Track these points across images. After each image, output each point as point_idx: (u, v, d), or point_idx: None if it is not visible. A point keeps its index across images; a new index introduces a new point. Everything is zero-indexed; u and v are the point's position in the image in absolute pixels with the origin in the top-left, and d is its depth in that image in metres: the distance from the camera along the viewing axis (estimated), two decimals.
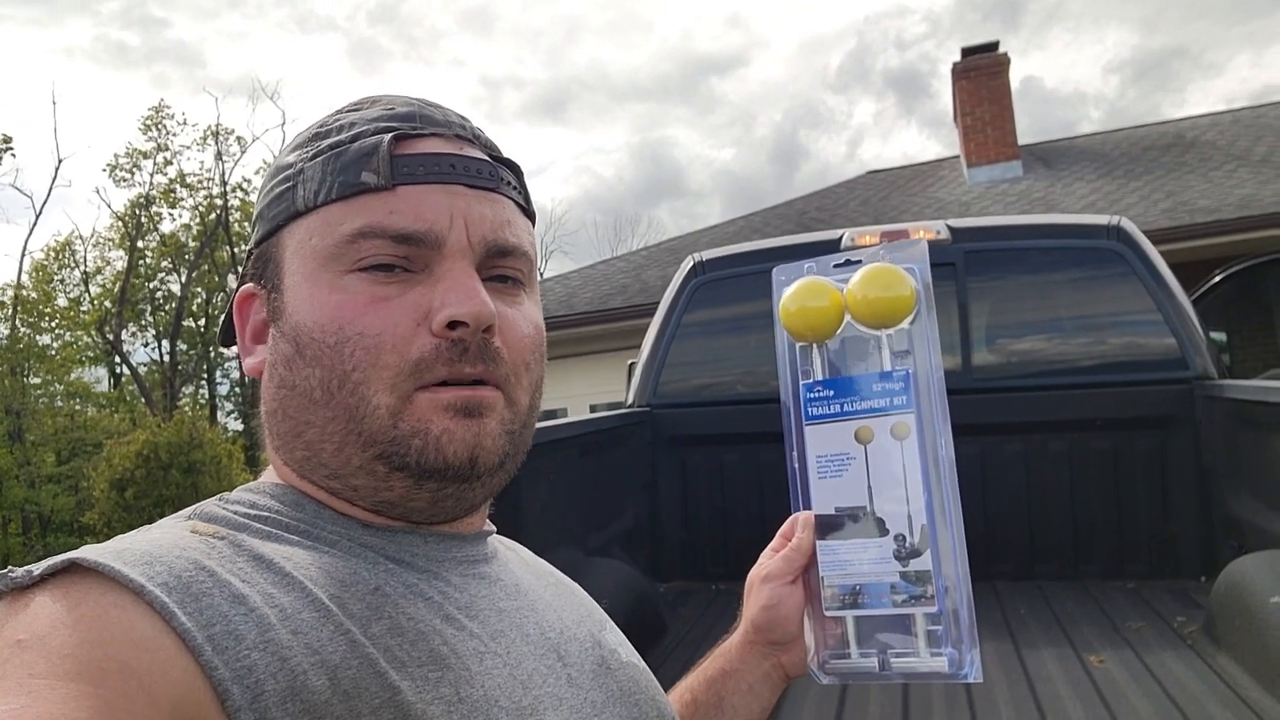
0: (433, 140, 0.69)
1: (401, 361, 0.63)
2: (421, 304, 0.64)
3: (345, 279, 0.65)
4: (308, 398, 0.65)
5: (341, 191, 0.66)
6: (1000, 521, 3.45)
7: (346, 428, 0.64)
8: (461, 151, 0.69)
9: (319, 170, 0.67)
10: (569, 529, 3.03)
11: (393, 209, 0.65)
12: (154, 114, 24.75)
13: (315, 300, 0.65)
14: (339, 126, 0.69)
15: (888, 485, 0.79)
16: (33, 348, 22.81)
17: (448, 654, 0.60)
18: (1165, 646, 2.60)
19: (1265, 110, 12.02)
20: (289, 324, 0.66)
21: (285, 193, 0.69)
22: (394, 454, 0.64)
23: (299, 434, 0.67)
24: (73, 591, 0.50)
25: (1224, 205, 8.62)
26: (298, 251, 0.67)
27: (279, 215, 0.69)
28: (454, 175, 0.67)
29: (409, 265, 0.65)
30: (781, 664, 0.86)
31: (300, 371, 0.65)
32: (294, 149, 0.71)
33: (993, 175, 11.55)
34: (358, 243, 0.64)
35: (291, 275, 0.67)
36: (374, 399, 0.63)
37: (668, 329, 3.89)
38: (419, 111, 0.70)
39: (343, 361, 0.63)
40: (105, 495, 14.71)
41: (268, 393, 0.69)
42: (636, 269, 11.68)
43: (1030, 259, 3.68)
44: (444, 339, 0.64)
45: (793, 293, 0.86)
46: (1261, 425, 2.81)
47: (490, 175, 0.70)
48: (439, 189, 0.66)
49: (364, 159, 0.66)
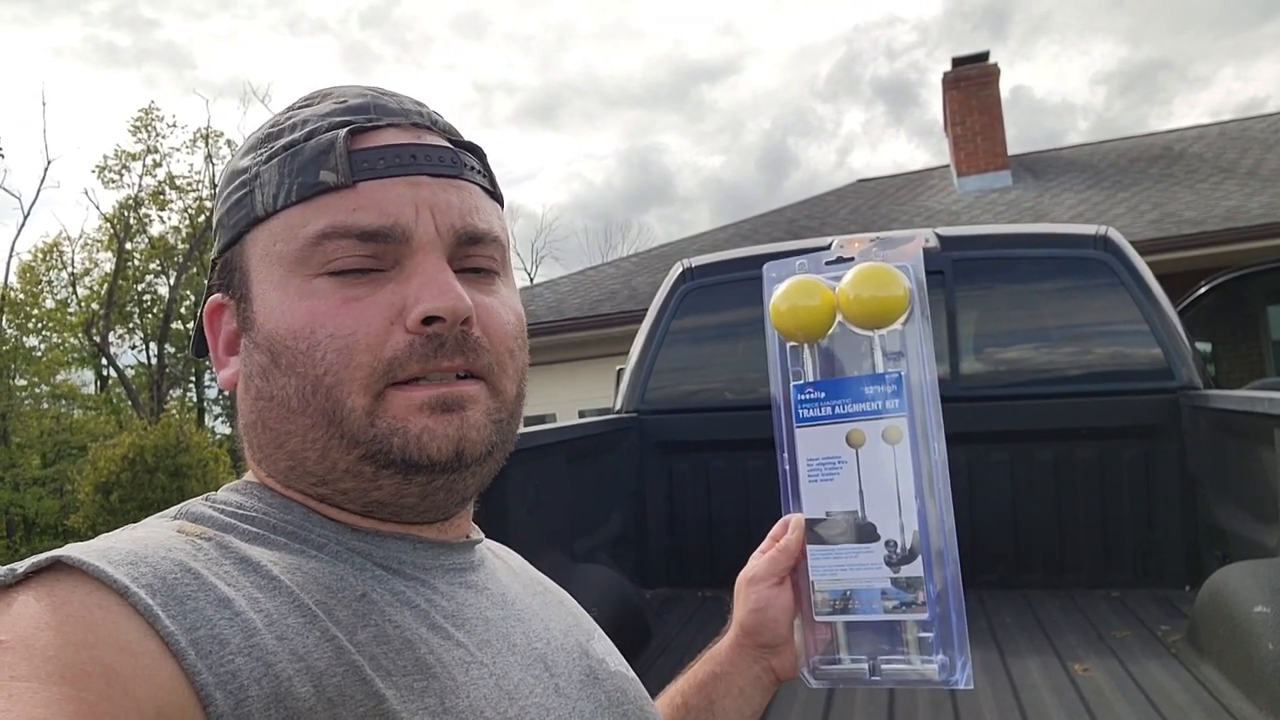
0: (390, 131, 0.67)
1: (375, 361, 0.62)
2: (395, 301, 0.63)
3: (314, 283, 0.63)
4: (285, 407, 0.64)
5: (301, 193, 0.64)
6: (986, 530, 3.45)
7: (328, 433, 0.63)
8: (421, 140, 0.68)
9: (275, 172, 0.65)
10: (555, 534, 3.02)
11: (355, 206, 0.63)
12: (144, 116, 24.68)
13: (285, 307, 0.64)
14: (291, 125, 0.68)
15: (879, 490, 0.78)
16: (19, 349, 22.65)
17: (434, 663, 0.59)
18: (1150, 655, 2.61)
19: (1251, 123, 12.12)
20: (261, 334, 0.65)
21: (243, 198, 0.67)
22: (378, 453, 0.63)
23: (280, 444, 0.65)
24: (57, 591, 0.50)
25: (1210, 217, 8.68)
26: (263, 259, 0.65)
27: (239, 222, 0.67)
28: (415, 165, 0.66)
29: (378, 264, 0.64)
30: (772, 667, 0.85)
31: (277, 381, 0.64)
32: (247, 151, 0.69)
33: (982, 185, 11.61)
34: (323, 244, 0.63)
35: (259, 283, 0.66)
36: (348, 400, 0.62)
37: (656, 335, 3.89)
38: (373, 102, 0.69)
39: (315, 365, 0.62)
40: (90, 498, 14.61)
41: (244, 405, 0.68)
42: (626, 275, 11.69)
43: (1018, 268, 3.69)
44: (419, 335, 0.62)
45: (784, 291, 0.84)
46: (1246, 435, 2.82)
47: (453, 162, 0.68)
48: (401, 181, 0.65)
49: (321, 157, 0.64)
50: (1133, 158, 11.59)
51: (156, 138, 24.77)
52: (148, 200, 24.84)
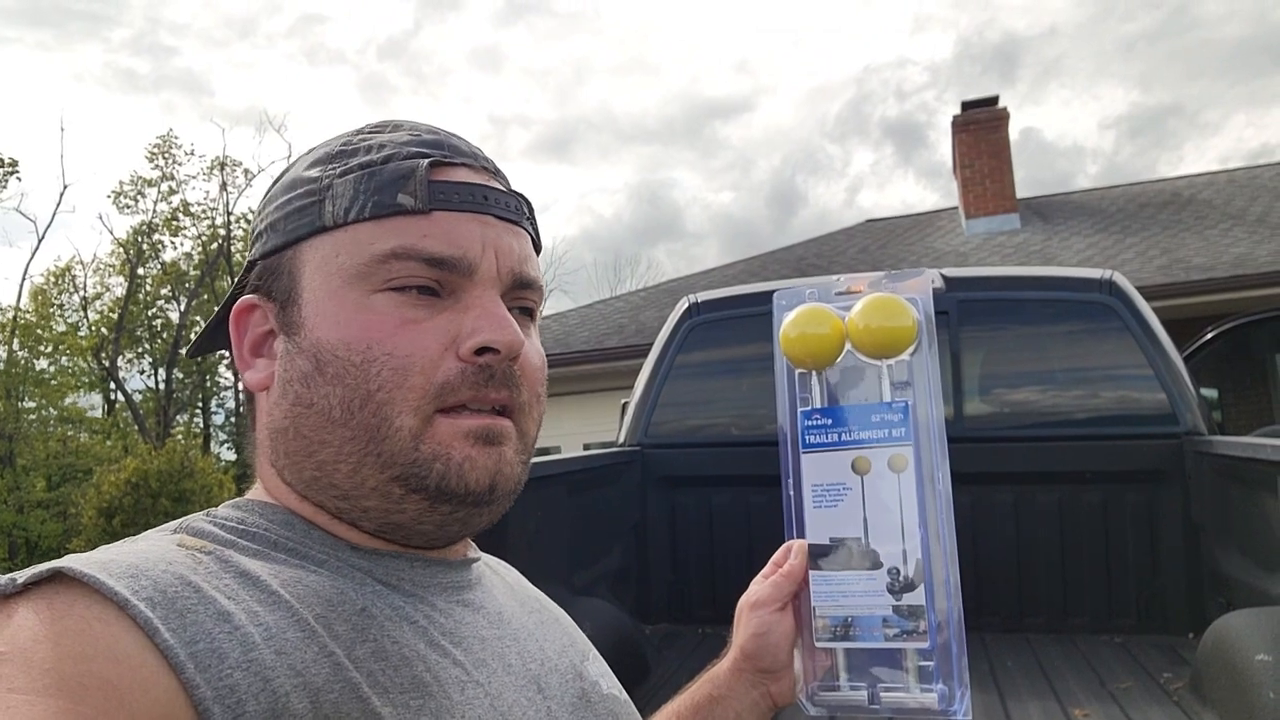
0: (464, 170, 0.69)
1: (428, 384, 0.63)
2: (450, 329, 0.65)
3: (374, 298, 0.65)
4: (326, 416, 0.64)
5: (375, 211, 0.66)
6: (989, 571, 3.44)
7: (365, 448, 0.64)
8: (490, 184, 0.70)
9: (350, 187, 0.67)
10: (555, 566, 3.01)
11: (426, 233, 0.65)
12: (162, 142, 24.92)
13: (341, 318, 0.65)
14: (367, 146, 0.69)
15: (883, 518, 0.78)
16: (29, 372, 22.73)
17: (430, 682, 0.60)
18: (1151, 702, 2.59)
19: (1261, 171, 12.15)
20: (308, 340, 0.66)
21: (308, 207, 0.68)
22: (413, 475, 0.63)
23: (311, 453, 0.66)
24: (56, 603, 0.50)
25: (1219, 263, 8.69)
26: (321, 267, 0.66)
27: (300, 228, 0.68)
28: (486, 206, 0.68)
29: (438, 290, 0.66)
30: (770, 693, 0.85)
31: (319, 389, 0.65)
32: (315, 164, 0.70)
33: (990, 227, 11.64)
34: (389, 263, 0.64)
35: (312, 290, 0.66)
36: (396, 420, 0.63)
37: (661, 369, 3.90)
38: (446, 140, 0.71)
39: (368, 381, 0.63)
40: (93, 522, 14.61)
41: (279, 410, 0.68)
42: (634, 310, 11.72)
43: (1023, 310, 3.70)
44: (470, 364, 0.64)
45: (793, 319, 0.85)
46: (1250, 482, 2.81)
47: (515, 209, 0.71)
48: (472, 218, 0.67)
49: (400, 181, 0.66)
50: (1142, 203, 11.62)
51: (174, 164, 25.02)
52: (162, 226, 25.03)
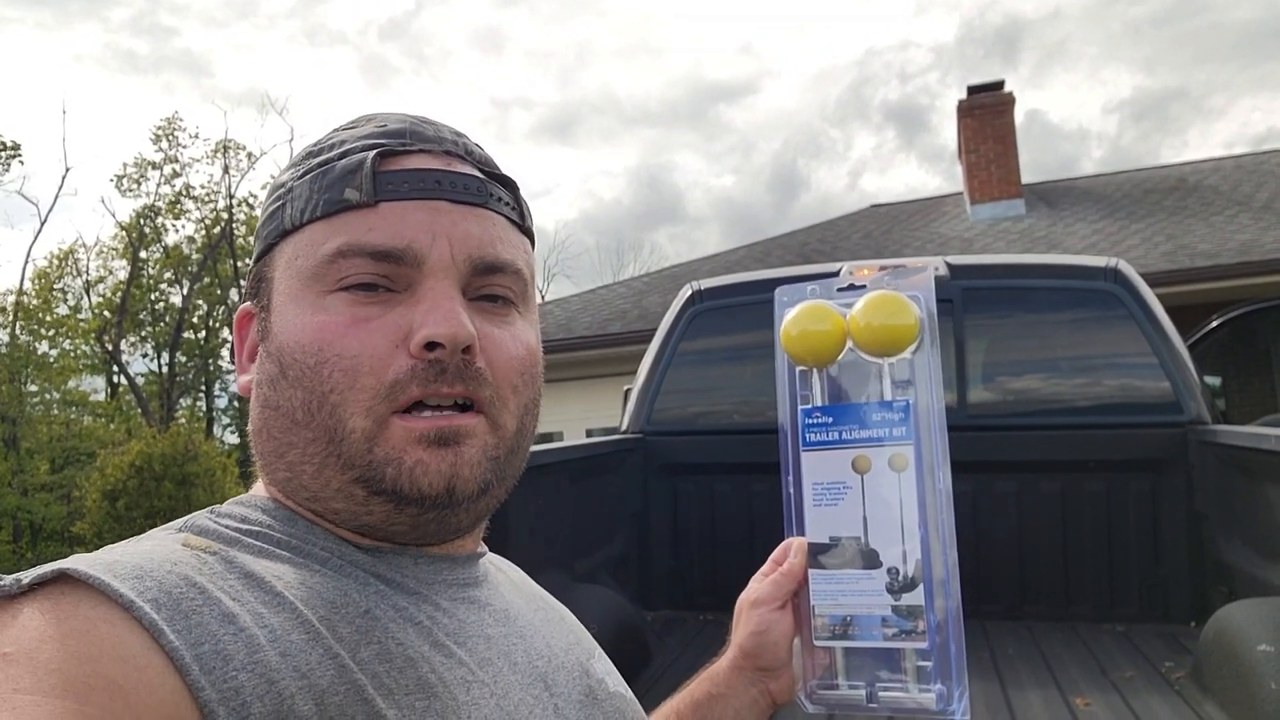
0: (420, 156, 0.68)
1: (378, 384, 0.62)
2: (401, 325, 0.64)
3: (327, 299, 0.64)
4: (290, 418, 0.65)
5: (325, 209, 0.65)
6: (991, 560, 3.44)
7: (326, 450, 0.63)
8: (449, 167, 0.68)
9: (306, 188, 0.67)
10: (557, 553, 3.02)
11: (372, 226, 0.64)
12: (166, 125, 24.87)
13: (298, 321, 0.65)
14: (330, 145, 0.69)
15: (883, 517, 0.78)
16: (31, 355, 22.77)
17: (435, 682, 0.59)
18: (1153, 691, 2.59)
19: (1268, 157, 12.10)
20: (274, 344, 0.66)
21: (276, 211, 0.69)
22: (371, 478, 0.63)
23: (281, 454, 0.66)
24: (62, 604, 0.50)
25: (1224, 250, 8.66)
26: (285, 271, 0.67)
27: (271, 234, 0.69)
28: (438, 191, 0.66)
29: (391, 284, 0.65)
30: (769, 691, 0.85)
31: (284, 392, 0.65)
32: (289, 167, 0.71)
33: (995, 213, 11.60)
34: (338, 261, 0.64)
35: (279, 295, 0.67)
36: (349, 422, 0.63)
37: (664, 356, 3.90)
38: (411, 128, 0.70)
39: (321, 383, 0.63)
40: (97, 505, 14.67)
41: (254, 412, 0.69)
42: (637, 295, 11.70)
43: (1027, 298, 3.69)
44: (421, 360, 0.63)
45: (795, 316, 0.85)
46: (1254, 471, 2.81)
47: (479, 191, 0.69)
48: (421, 205, 0.66)
49: (348, 176, 0.66)
50: (1147, 189, 11.58)
51: (177, 147, 24.99)
52: (164, 209, 25.01)
